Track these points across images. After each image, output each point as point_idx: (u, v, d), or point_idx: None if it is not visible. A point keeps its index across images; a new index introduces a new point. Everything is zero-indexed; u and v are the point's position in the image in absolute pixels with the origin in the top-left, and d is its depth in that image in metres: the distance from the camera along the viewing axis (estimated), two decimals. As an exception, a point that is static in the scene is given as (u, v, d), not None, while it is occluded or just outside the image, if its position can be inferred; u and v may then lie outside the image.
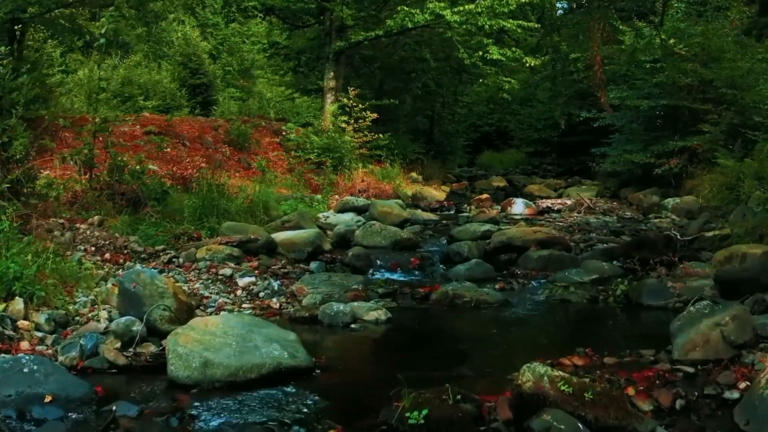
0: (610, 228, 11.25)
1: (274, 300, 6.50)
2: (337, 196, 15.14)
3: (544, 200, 15.39)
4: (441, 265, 8.34)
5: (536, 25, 16.27)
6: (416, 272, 8.04)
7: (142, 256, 7.40)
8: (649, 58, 16.13)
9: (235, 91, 22.11)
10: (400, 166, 17.22)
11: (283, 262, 7.85)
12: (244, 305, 6.31)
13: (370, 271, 8.02)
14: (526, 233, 8.71)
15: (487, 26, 15.81)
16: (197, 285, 6.66)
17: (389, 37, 18.04)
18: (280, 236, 8.49)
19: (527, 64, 16.52)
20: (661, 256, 8.27)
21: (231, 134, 16.51)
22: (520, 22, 16.03)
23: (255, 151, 16.81)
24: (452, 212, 14.87)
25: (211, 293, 6.48)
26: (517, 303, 6.89)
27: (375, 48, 19.22)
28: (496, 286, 7.38)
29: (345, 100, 16.77)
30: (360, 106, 16.54)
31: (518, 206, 14.22)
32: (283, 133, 17.77)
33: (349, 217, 10.66)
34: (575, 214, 13.03)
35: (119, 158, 9.26)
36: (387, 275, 7.93)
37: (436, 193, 16.81)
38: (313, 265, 7.87)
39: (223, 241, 7.81)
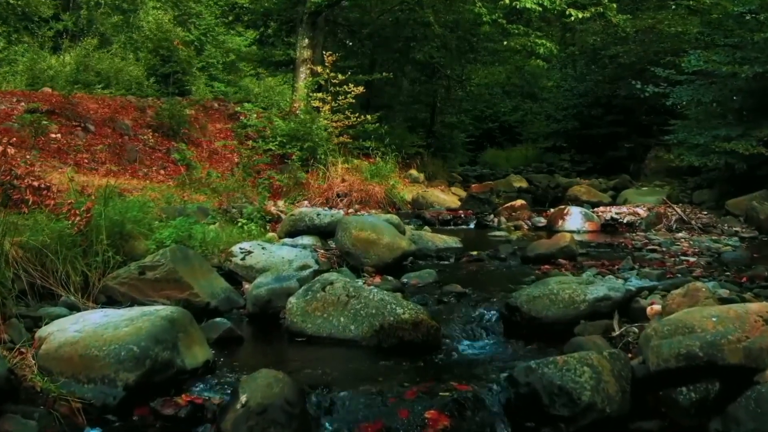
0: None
1: None
2: (306, 203, 9.61)
3: (603, 208, 9.63)
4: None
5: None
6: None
7: None
8: (743, 8, 10.44)
9: (220, 84, 17.54)
10: (395, 161, 11.41)
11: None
12: None
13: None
14: (741, 323, 2.78)
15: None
16: None
17: (381, -10, 12.35)
18: (53, 343, 2.72)
19: (572, 18, 10.74)
20: None
21: (160, 117, 10.77)
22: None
23: (196, 140, 11.08)
24: (472, 226, 9.28)
25: None
26: None
27: (363, 9, 13.45)
28: None
29: (319, 69, 11.05)
30: (340, 77, 10.81)
31: (575, 218, 8.49)
32: (240, 117, 12.04)
33: (291, 253, 4.77)
34: (682, 237, 7.25)
35: None
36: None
37: (446, 198, 11.01)
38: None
39: None
